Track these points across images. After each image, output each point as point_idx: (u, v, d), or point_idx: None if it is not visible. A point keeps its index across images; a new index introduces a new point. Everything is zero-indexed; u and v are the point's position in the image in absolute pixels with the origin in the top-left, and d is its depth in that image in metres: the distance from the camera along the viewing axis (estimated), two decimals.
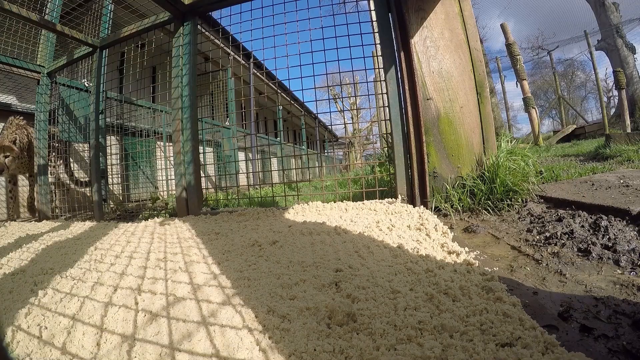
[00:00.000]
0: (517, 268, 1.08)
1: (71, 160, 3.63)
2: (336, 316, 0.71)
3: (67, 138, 3.42)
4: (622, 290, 0.86)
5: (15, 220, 3.18)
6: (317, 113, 9.82)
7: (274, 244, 1.36)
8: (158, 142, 4.40)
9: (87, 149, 3.33)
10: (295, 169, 7.25)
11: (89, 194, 3.48)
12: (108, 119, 3.27)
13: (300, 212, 2.09)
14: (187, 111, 2.53)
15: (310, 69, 2.51)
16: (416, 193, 2.00)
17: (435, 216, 1.74)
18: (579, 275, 0.98)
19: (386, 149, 2.66)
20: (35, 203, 3.51)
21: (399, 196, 2.07)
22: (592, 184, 1.92)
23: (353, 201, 2.23)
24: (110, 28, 3.20)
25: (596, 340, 0.67)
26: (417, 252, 1.15)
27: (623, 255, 1.05)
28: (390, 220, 1.63)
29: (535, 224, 1.50)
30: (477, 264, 1.01)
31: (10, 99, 4.13)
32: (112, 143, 3.52)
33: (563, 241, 1.23)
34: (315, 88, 2.58)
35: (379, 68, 2.35)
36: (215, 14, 2.82)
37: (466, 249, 1.18)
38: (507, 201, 1.79)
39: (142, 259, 1.29)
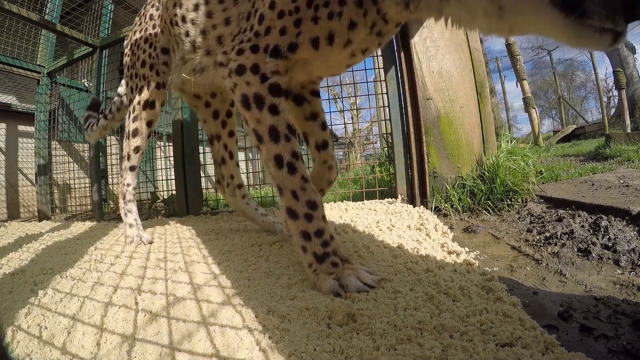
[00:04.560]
0: (517, 268, 1.08)
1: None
2: (336, 316, 0.71)
3: (68, 138, 3.42)
4: (622, 290, 0.86)
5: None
6: None
7: (274, 244, 1.36)
8: (158, 142, 4.40)
9: (87, 149, 3.33)
10: None
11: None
12: None
13: None
14: (187, 111, 2.54)
15: None
16: (416, 193, 2.00)
17: (435, 216, 1.74)
18: (579, 275, 0.98)
19: (386, 149, 2.66)
20: (37, 204, 3.31)
21: (399, 196, 2.07)
22: (592, 184, 1.92)
23: (353, 201, 2.23)
24: (110, 28, 3.20)
25: (596, 340, 0.67)
26: (417, 252, 1.15)
27: (623, 255, 1.05)
28: (390, 220, 1.63)
29: (535, 224, 1.50)
30: (477, 264, 1.01)
31: (10, 99, 4.13)
32: (112, 143, 3.52)
33: (563, 241, 1.23)
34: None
35: (379, 68, 2.35)
36: None
37: (466, 249, 1.18)
38: (507, 201, 1.79)
39: (142, 259, 1.29)
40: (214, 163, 1.72)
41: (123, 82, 1.89)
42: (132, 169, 1.64)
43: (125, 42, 1.76)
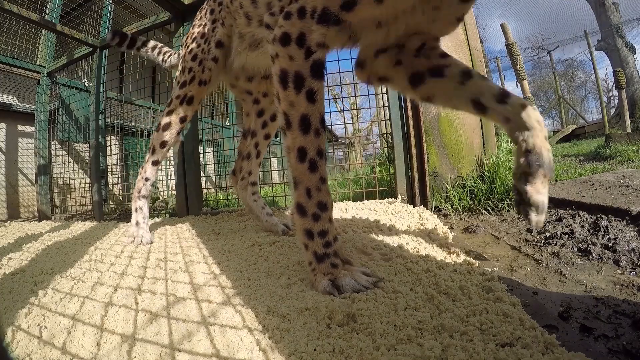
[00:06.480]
0: (517, 268, 1.08)
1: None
2: (336, 316, 0.71)
3: (68, 138, 3.42)
4: (622, 290, 0.86)
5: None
6: None
7: (274, 244, 1.36)
8: None
9: (87, 149, 3.33)
10: None
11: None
12: (108, 119, 3.28)
13: None
14: None
15: None
16: (416, 193, 2.00)
17: (435, 216, 1.74)
18: (579, 275, 0.98)
19: (386, 149, 2.66)
20: (37, 204, 3.31)
21: (399, 196, 2.07)
22: (592, 184, 1.92)
23: (353, 201, 2.23)
24: (110, 28, 3.20)
25: (596, 340, 0.67)
26: (417, 252, 1.15)
27: (623, 255, 1.05)
28: (390, 220, 1.63)
29: None
30: (477, 264, 1.01)
31: (10, 99, 4.13)
32: (112, 143, 3.52)
33: (563, 241, 1.23)
34: None
35: None
36: None
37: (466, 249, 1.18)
38: (507, 201, 1.79)
39: (142, 259, 1.29)
40: (237, 154, 1.72)
41: (175, 54, 1.92)
42: (154, 163, 1.63)
43: (183, 39, 1.72)
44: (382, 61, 1.01)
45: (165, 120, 1.58)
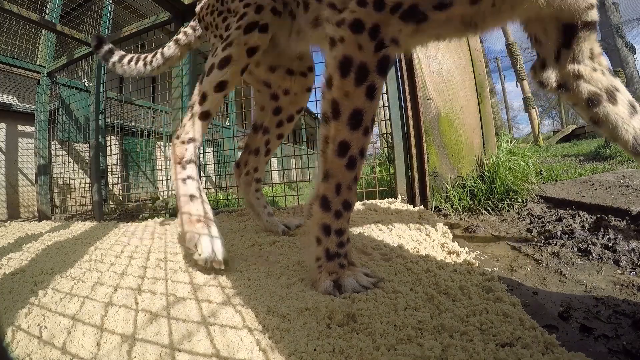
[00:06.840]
0: (517, 268, 1.08)
1: None
2: (336, 316, 0.71)
3: (68, 138, 3.43)
4: (622, 290, 0.86)
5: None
6: (317, 113, 9.76)
7: (274, 244, 1.36)
8: (158, 142, 4.40)
9: (87, 149, 3.33)
10: (295, 169, 7.23)
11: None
12: (108, 119, 3.28)
13: (300, 213, 2.09)
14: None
15: None
16: (416, 193, 2.00)
17: (435, 216, 1.74)
18: (579, 275, 0.98)
19: (386, 149, 2.66)
20: (37, 204, 3.31)
21: (399, 196, 2.07)
22: (592, 184, 1.92)
23: None
24: (110, 28, 3.20)
25: (596, 340, 0.67)
26: (417, 252, 1.15)
27: (623, 255, 1.05)
28: (390, 220, 1.63)
29: (535, 224, 1.50)
30: (477, 264, 1.01)
31: (10, 99, 4.13)
32: (112, 143, 3.52)
33: (563, 241, 1.23)
34: (315, 88, 2.57)
35: None
36: None
37: (466, 249, 1.18)
38: (507, 201, 1.79)
39: (142, 259, 1.29)
40: (244, 147, 1.61)
41: (170, 43, 1.75)
42: (204, 116, 1.18)
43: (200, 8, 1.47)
44: (566, 63, 0.81)
45: (223, 53, 1.15)
